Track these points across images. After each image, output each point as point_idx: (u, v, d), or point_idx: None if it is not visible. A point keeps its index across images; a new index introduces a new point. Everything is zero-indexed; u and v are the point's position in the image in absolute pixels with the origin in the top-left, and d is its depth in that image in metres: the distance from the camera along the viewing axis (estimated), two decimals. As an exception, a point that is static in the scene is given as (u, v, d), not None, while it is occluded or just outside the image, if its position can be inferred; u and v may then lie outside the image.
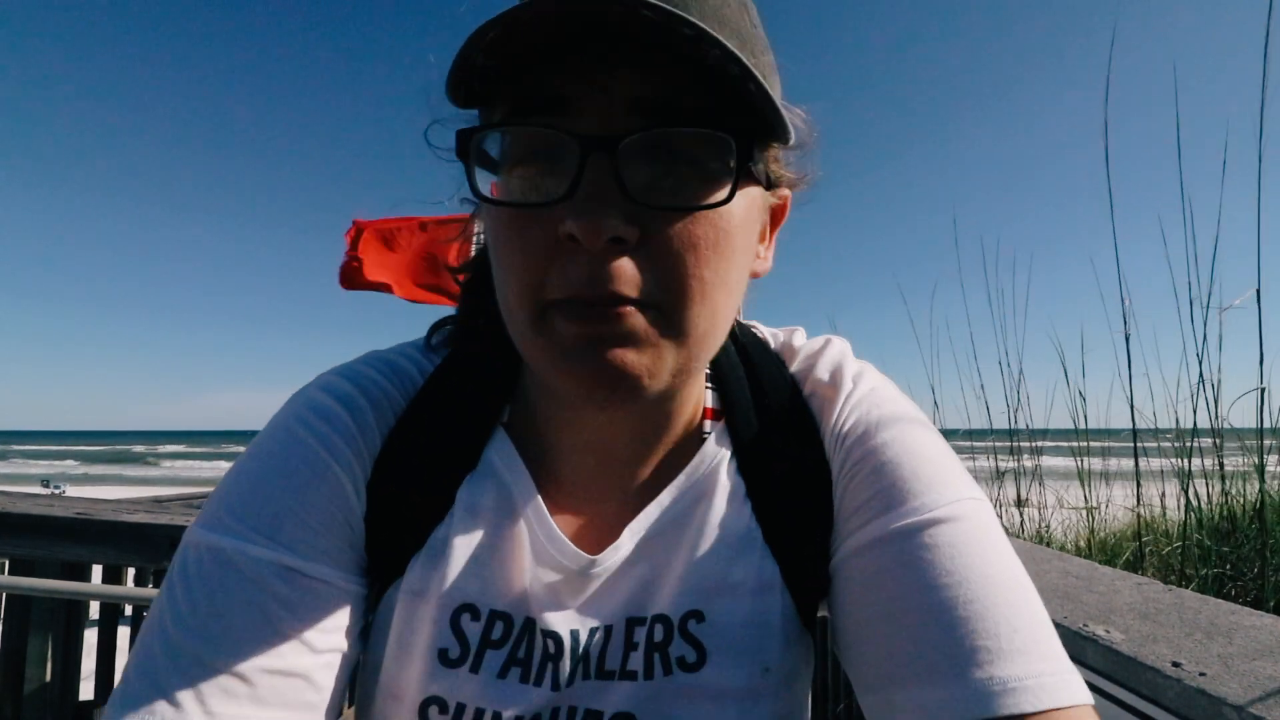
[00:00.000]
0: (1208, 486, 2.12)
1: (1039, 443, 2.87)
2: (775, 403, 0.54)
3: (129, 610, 2.93)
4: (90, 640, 2.28)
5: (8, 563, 2.25)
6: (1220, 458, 2.11)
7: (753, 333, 0.59)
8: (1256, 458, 2.02)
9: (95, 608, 2.36)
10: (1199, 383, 2.15)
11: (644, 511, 0.51)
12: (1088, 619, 1.06)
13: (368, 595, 0.50)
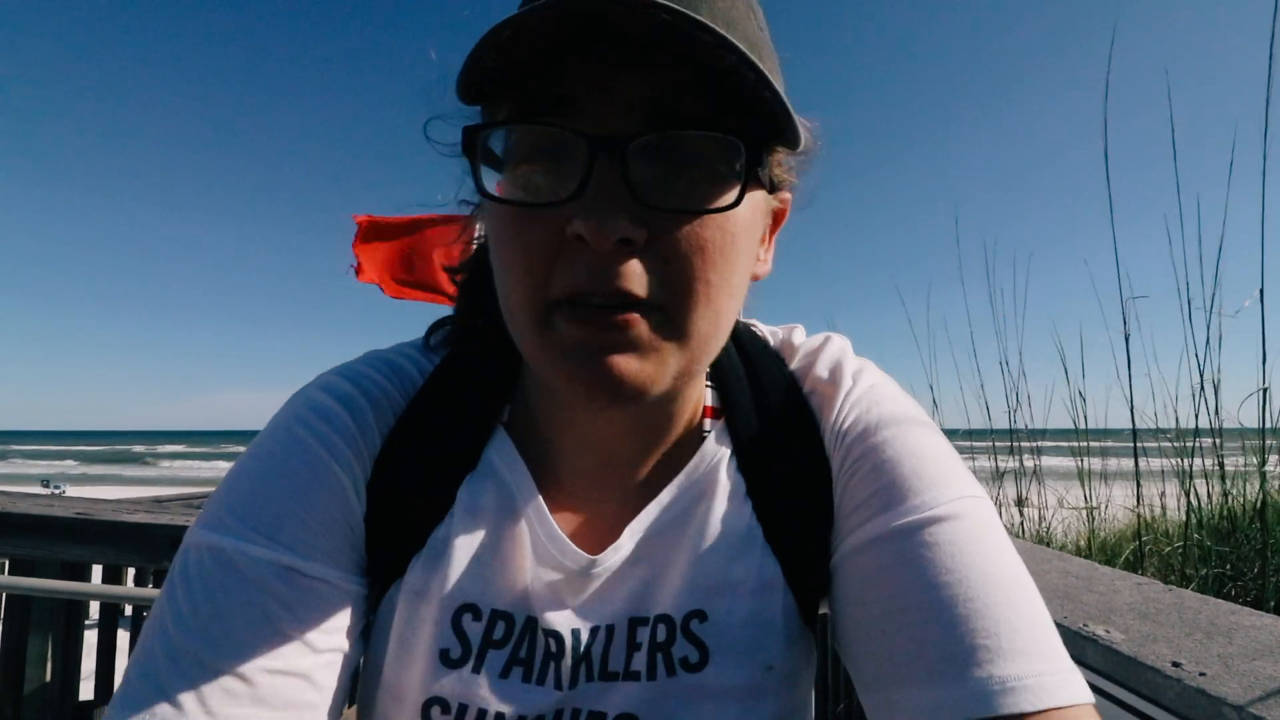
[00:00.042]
0: (1208, 486, 2.12)
1: (1039, 443, 2.87)
2: (775, 401, 0.54)
3: (129, 610, 2.93)
4: (90, 640, 2.28)
5: (8, 563, 2.25)
6: (1220, 458, 2.11)
7: (752, 331, 0.59)
8: (1257, 457, 2.02)
9: (95, 608, 2.36)
10: (1200, 383, 2.15)
11: (644, 511, 0.51)
12: (1088, 619, 1.06)
13: (368, 595, 0.50)
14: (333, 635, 0.45)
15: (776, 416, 0.53)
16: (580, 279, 0.39)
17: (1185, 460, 2.17)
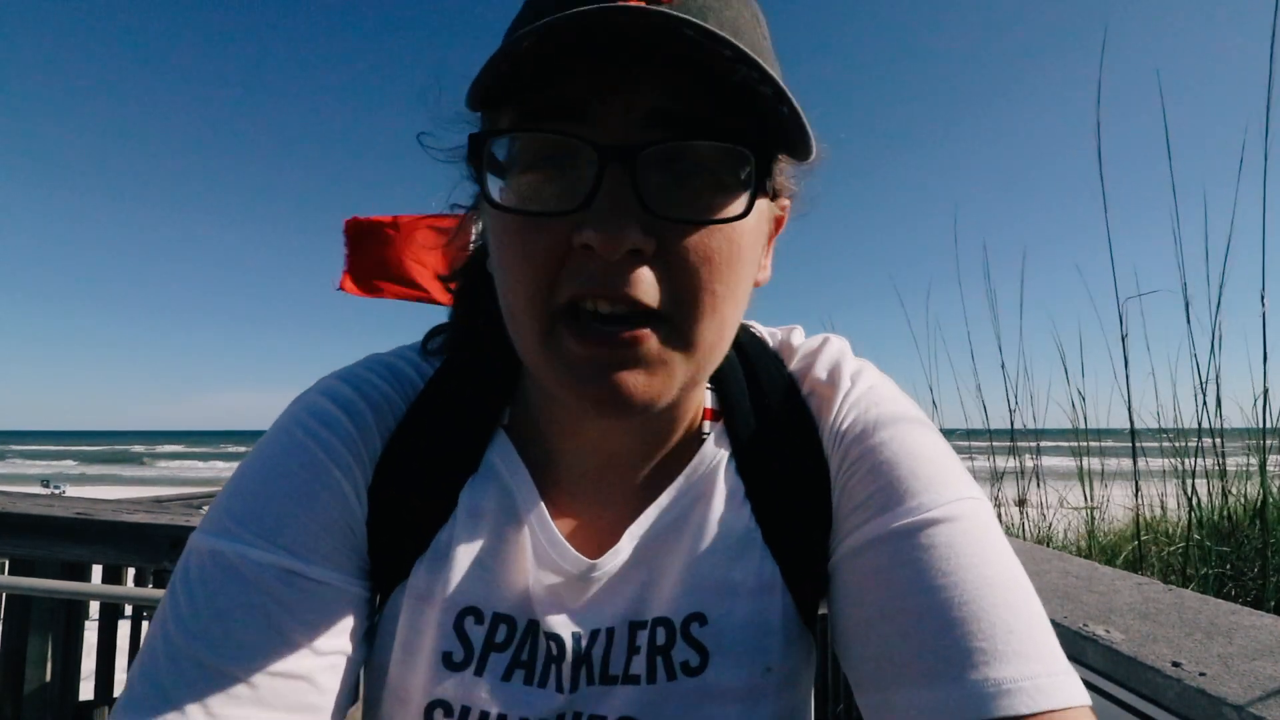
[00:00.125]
0: (1208, 486, 2.12)
1: (1039, 443, 2.87)
2: (774, 402, 0.54)
3: (129, 610, 2.92)
4: (90, 640, 2.28)
5: (8, 563, 2.25)
6: (1221, 458, 2.11)
7: (751, 332, 0.59)
8: (1257, 457, 2.02)
9: (95, 608, 2.36)
10: (1200, 383, 2.15)
11: (644, 514, 0.51)
12: (1088, 619, 1.06)
13: (371, 598, 0.51)
14: (335, 638, 0.45)
15: (775, 418, 0.53)
16: (586, 284, 0.39)
17: (1185, 460, 2.17)
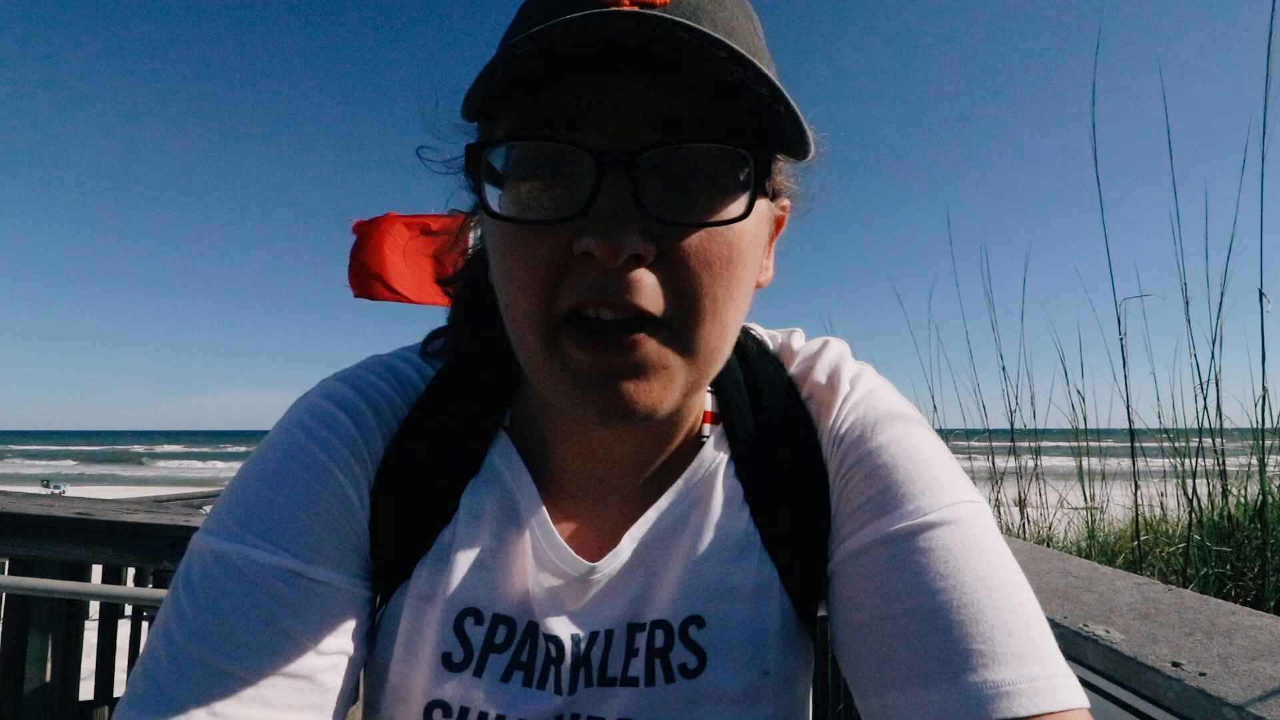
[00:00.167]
0: (1208, 486, 2.12)
1: (1039, 443, 2.87)
2: (773, 405, 0.54)
3: (129, 610, 2.92)
4: (90, 640, 2.28)
5: (8, 563, 2.25)
6: (1221, 458, 2.11)
7: (751, 335, 0.59)
8: (1257, 457, 2.02)
9: (95, 608, 2.36)
10: (1201, 383, 2.15)
11: (643, 517, 0.51)
12: (1088, 619, 1.06)
13: (372, 598, 0.51)
14: (337, 638, 0.45)
15: (774, 421, 0.53)
16: (588, 292, 0.39)
17: (1185, 460, 2.17)
